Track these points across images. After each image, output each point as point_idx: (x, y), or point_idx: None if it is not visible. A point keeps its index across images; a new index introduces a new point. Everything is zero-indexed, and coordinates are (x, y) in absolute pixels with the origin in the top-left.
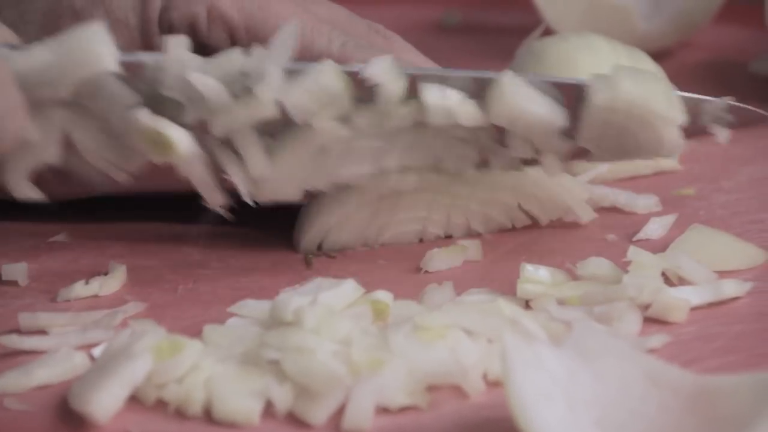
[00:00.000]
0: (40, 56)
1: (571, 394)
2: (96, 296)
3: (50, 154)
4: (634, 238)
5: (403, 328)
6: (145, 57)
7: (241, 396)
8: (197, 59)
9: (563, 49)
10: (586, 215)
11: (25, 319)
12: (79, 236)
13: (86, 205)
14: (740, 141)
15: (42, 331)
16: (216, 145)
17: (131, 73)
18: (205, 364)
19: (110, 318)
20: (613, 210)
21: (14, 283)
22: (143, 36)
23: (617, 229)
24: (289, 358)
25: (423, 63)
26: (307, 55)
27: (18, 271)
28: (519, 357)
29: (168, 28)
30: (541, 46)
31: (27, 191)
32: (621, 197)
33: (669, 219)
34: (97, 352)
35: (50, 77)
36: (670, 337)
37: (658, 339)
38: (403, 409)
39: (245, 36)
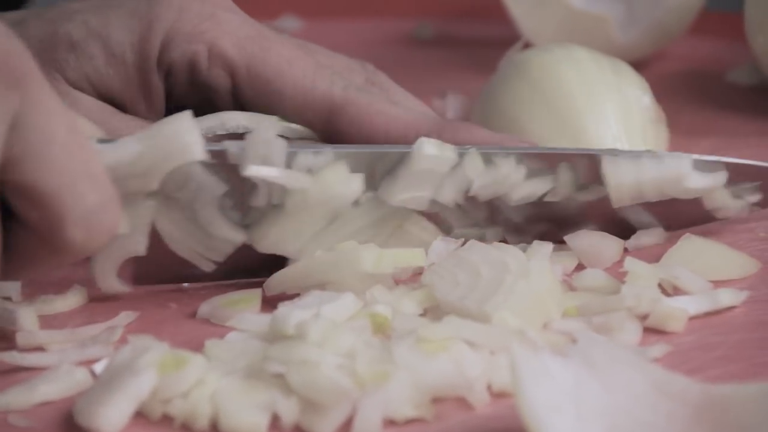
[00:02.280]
0: (129, 148)
1: (580, 404)
2: (91, 312)
3: (138, 244)
4: (627, 246)
5: (406, 341)
6: (230, 145)
7: (247, 410)
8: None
9: (546, 61)
10: None
11: (22, 337)
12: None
13: None
14: (724, 151)
15: (40, 348)
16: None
17: (216, 161)
18: (209, 379)
19: (109, 333)
20: None
21: (8, 300)
22: (140, 73)
23: None
24: (294, 372)
25: (421, 106)
26: (308, 97)
27: (12, 287)
28: (528, 368)
29: (167, 65)
30: (523, 58)
31: (114, 284)
32: None
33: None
34: (98, 367)
35: (140, 170)
36: (669, 346)
37: (658, 349)
38: (409, 422)
39: (246, 76)
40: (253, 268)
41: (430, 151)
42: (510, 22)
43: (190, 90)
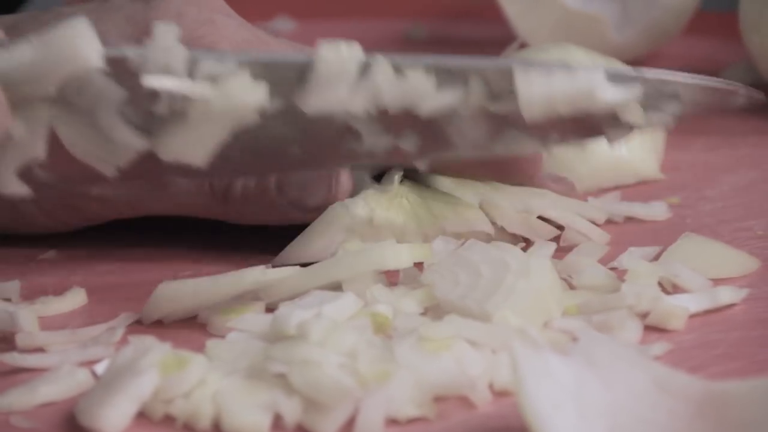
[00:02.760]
0: (23, 54)
1: (582, 402)
2: (91, 313)
3: (37, 149)
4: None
5: (408, 340)
6: (130, 51)
7: (249, 409)
8: (181, 51)
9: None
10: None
11: (22, 338)
12: (69, 254)
13: None
14: (719, 150)
15: (40, 349)
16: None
17: (116, 68)
18: (211, 379)
19: (110, 334)
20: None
21: (8, 301)
22: None
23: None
24: (296, 371)
25: None
26: None
27: (11, 289)
28: (530, 367)
29: None
30: (520, 58)
31: (14, 187)
32: (637, 209)
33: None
34: (100, 368)
35: (34, 75)
36: (670, 344)
37: (659, 347)
38: (412, 421)
39: None
40: (158, 175)
41: (332, 53)
42: (504, 23)
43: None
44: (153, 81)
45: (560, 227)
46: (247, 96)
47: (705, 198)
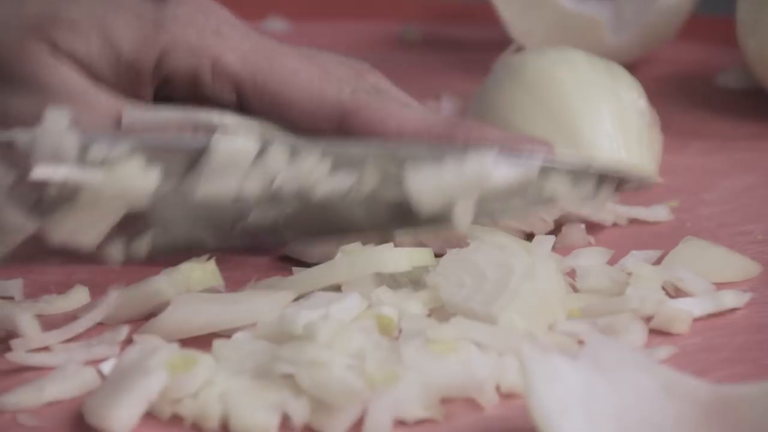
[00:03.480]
0: None
1: (589, 406)
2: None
3: None
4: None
5: (415, 341)
6: (19, 135)
7: (257, 410)
8: (72, 136)
9: (542, 63)
10: None
11: (22, 343)
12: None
13: None
14: (715, 154)
15: (45, 348)
16: None
17: (4, 151)
18: (219, 379)
19: (115, 333)
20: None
21: (10, 299)
22: (132, 71)
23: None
24: (304, 372)
25: (424, 108)
26: (316, 104)
27: (14, 286)
28: (538, 370)
29: (165, 74)
30: (518, 62)
31: None
32: (641, 211)
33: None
34: (106, 367)
35: None
36: (675, 348)
37: (664, 350)
38: (419, 422)
39: (252, 88)
40: (46, 256)
41: (228, 144)
42: (498, 25)
43: (191, 100)
44: (41, 172)
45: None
46: (138, 181)
47: (703, 202)
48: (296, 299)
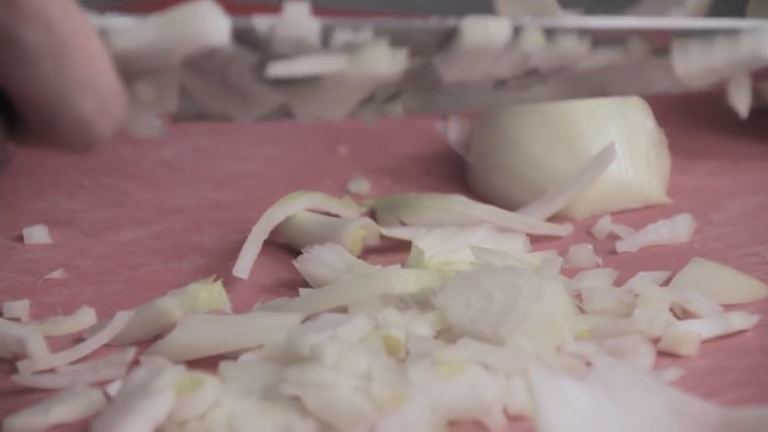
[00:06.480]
0: (143, 35)
1: (597, 428)
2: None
3: (168, 104)
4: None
5: (422, 363)
6: (258, 23)
7: None
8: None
9: None
10: None
11: (28, 365)
12: (76, 273)
13: (78, 241)
14: (723, 174)
15: (51, 369)
16: None
17: (245, 37)
18: (225, 401)
19: (122, 355)
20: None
21: (17, 320)
22: None
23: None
24: (311, 394)
25: None
26: None
27: (20, 308)
28: (546, 392)
29: None
30: None
31: (148, 130)
32: (663, 233)
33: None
34: (113, 389)
35: (158, 51)
36: (683, 370)
37: (672, 372)
38: None
39: None
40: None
41: (481, 29)
42: None
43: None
44: (279, 69)
45: None
46: (384, 65)
47: (712, 223)
48: (303, 320)
